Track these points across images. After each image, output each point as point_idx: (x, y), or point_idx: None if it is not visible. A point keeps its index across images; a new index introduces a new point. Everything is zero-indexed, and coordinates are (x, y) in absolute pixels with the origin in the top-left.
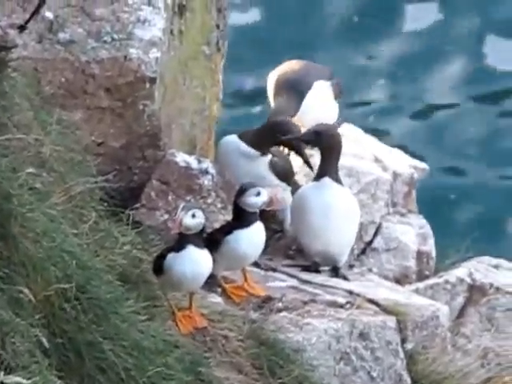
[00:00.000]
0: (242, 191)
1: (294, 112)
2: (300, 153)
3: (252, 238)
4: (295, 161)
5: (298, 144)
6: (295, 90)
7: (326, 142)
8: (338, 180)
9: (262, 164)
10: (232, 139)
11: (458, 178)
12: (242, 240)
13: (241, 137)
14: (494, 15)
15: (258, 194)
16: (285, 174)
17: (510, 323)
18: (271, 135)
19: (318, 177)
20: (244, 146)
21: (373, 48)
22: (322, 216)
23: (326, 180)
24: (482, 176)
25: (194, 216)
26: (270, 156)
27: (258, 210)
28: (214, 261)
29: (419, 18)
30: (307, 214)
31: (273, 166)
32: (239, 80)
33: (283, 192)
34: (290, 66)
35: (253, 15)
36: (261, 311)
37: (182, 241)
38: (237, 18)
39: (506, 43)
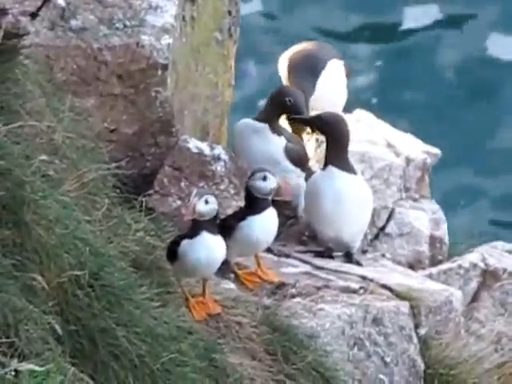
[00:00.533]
0: (251, 175)
1: (311, 89)
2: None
3: (265, 225)
4: (309, 147)
5: (302, 117)
6: (311, 67)
7: (331, 130)
8: (344, 168)
9: (276, 149)
10: (245, 120)
11: None
12: (255, 226)
13: (255, 119)
14: None
15: (265, 178)
16: (299, 160)
17: None
18: (276, 103)
19: (324, 165)
20: (254, 123)
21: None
22: (334, 203)
23: (331, 169)
24: None
25: (207, 202)
26: (285, 141)
27: (269, 197)
28: (228, 247)
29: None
30: (319, 201)
31: (287, 152)
32: (243, 68)
33: (297, 178)
34: (303, 46)
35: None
36: (274, 297)
37: (195, 227)
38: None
39: None
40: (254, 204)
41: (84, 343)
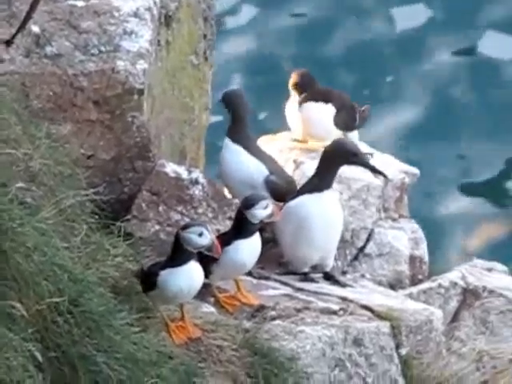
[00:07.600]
0: (251, 203)
1: None
2: None
3: (252, 249)
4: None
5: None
6: None
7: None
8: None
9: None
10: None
11: None
12: (243, 250)
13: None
14: None
15: (266, 206)
16: (279, 195)
17: (504, 326)
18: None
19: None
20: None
21: None
22: (298, 227)
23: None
24: None
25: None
26: (267, 171)
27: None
28: (212, 270)
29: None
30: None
31: (268, 183)
32: None
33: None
34: None
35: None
36: (254, 320)
37: (183, 255)
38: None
39: None
40: (244, 229)
41: (64, 370)
